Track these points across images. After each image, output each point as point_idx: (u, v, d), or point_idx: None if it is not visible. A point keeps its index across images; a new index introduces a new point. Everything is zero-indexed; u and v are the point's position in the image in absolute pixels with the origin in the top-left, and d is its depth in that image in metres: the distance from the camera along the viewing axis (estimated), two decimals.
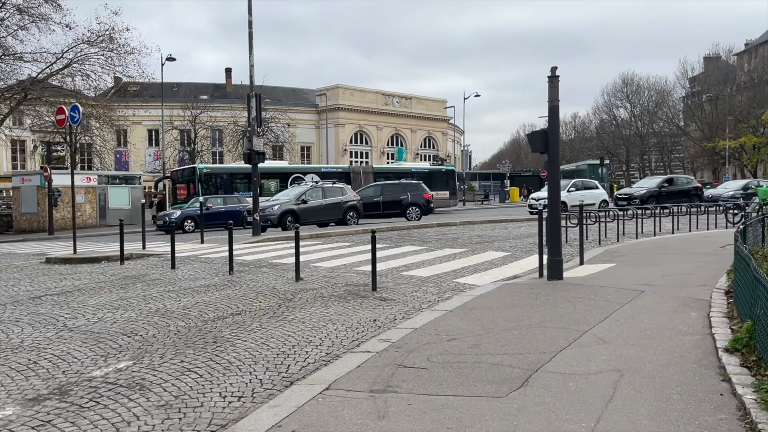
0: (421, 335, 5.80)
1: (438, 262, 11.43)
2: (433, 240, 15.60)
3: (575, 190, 26.07)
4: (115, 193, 34.64)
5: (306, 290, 8.68)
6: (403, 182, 24.59)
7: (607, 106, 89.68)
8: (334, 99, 65.24)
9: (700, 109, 68.24)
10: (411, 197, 25.04)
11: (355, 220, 21.58)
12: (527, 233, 16.90)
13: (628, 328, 5.66)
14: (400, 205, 24.44)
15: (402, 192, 24.92)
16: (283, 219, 19.30)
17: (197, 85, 67.65)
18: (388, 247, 13.94)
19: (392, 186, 24.89)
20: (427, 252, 12.88)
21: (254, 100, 16.74)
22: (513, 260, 11.53)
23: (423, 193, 25.78)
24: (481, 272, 10.18)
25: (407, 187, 25.26)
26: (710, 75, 70.96)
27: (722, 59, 76.09)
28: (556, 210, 8.86)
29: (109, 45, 31.01)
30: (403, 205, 24.67)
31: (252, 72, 16.99)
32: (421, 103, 72.49)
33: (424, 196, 25.60)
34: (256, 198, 16.84)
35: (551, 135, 8.78)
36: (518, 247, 13.58)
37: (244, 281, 9.56)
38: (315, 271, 10.51)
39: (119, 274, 10.64)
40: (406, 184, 24.98)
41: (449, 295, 8.23)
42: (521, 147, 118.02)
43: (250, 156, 16.72)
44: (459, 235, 16.81)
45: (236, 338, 6.07)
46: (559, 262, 8.79)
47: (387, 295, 8.29)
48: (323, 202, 20.75)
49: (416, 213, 24.89)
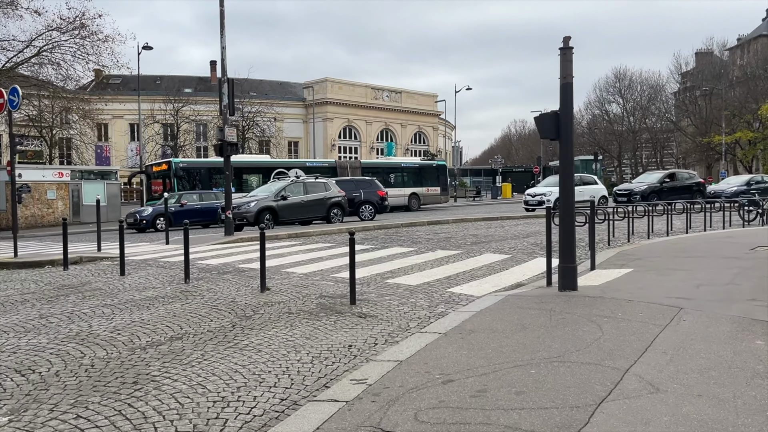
0: (408, 373, 4.38)
1: (429, 266, 10.02)
2: (424, 240, 14.19)
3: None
4: (89, 188, 32.92)
5: (271, 304, 7.23)
6: (356, 179, 22.66)
7: (600, 102, 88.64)
8: (322, 93, 63.65)
9: (694, 104, 67.30)
10: (364, 195, 23.59)
11: (339, 217, 20.12)
12: (526, 232, 15.53)
13: (682, 366, 4.26)
14: (353, 203, 22.82)
15: (354, 189, 23.21)
16: (261, 217, 17.78)
17: (181, 78, 65.85)
18: (373, 249, 12.51)
19: (344, 183, 22.75)
20: (416, 254, 11.47)
21: (226, 86, 15.22)
22: (514, 264, 10.14)
23: (377, 190, 24.32)
24: (478, 279, 8.78)
25: (360, 184, 23.63)
26: (702, 70, 70.05)
27: (714, 55, 75.23)
28: (569, 207, 7.46)
29: (81, 32, 29.34)
30: (356, 203, 23.15)
31: (224, 54, 15.45)
32: (411, 98, 71.05)
33: (378, 193, 24.17)
34: (228, 194, 15.35)
35: (564, 118, 7.37)
36: (518, 248, 12.19)
37: (199, 292, 8.09)
38: (286, 279, 9.06)
39: (56, 282, 9.13)
40: (358, 180, 23.23)
41: (443, 309, 6.82)
42: (512, 143, 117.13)
43: (221, 147, 15.21)
44: (452, 235, 15.41)
45: (165, 376, 4.62)
46: (572, 269, 7.40)
47: (368, 309, 6.87)
48: (305, 199, 19.24)
49: (369, 212, 23.39)
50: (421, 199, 35.42)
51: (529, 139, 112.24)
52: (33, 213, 30.98)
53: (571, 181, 7.51)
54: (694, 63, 75.12)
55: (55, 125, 45.93)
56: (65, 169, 33.57)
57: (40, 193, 31.47)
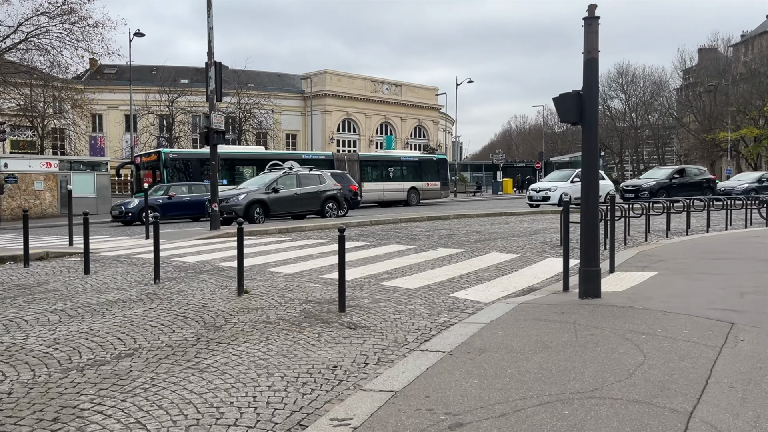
0: (404, 410, 3.42)
1: (429, 266, 9.04)
2: (424, 237, 13.20)
3: (580, 180, 23.70)
4: (78, 180, 31.82)
5: (247, 310, 6.26)
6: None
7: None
8: (321, 85, 62.53)
9: (698, 100, 66.26)
10: None
11: (335, 211, 19.10)
12: (533, 229, 14.55)
13: (764, 408, 3.28)
14: None
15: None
16: (251, 210, 16.74)
17: (177, 69, 64.59)
18: (368, 246, 11.52)
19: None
20: (415, 253, 10.48)
21: (213, 69, 14.20)
22: (523, 264, 9.17)
23: (349, 184, 22.96)
24: (485, 282, 7.81)
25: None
26: (705, 67, 69.03)
27: (718, 51, 74.25)
28: (593, 202, 6.48)
29: (70, 17, 28.25)
30: None
31: (210, 35, 14.39)
32: (411, 91, 69.93)
33: (350, 188, 22.85)
34: (214, 186, 14.33)
35: (588, 99, 6.38)
36: (526, 246, 11.21)
37: (168, 295, 7.11)
38: (270, 280, 8.08)
39: (9, 282, 8.13)
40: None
41: (446, 318, 5.86)
42: (512, 138, 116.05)
43: (207, 135, 14.20)
44: (454, 231, 14.42)
45: (97, 410, 3.65)
46: (596, 273, 6.43)
47: (359, 318, 5.90)
48: (298, 192, 18.20)
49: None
50: (421, 193, 34.43)
51: (529, 134, 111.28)
52: (19, 204, 29.93)
53: (595, 173, 6.54)
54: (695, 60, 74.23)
55: (47, 115, 44.85)
56: (53, 159, 32.51)
57: (27, 184, 30.45)
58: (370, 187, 32.14)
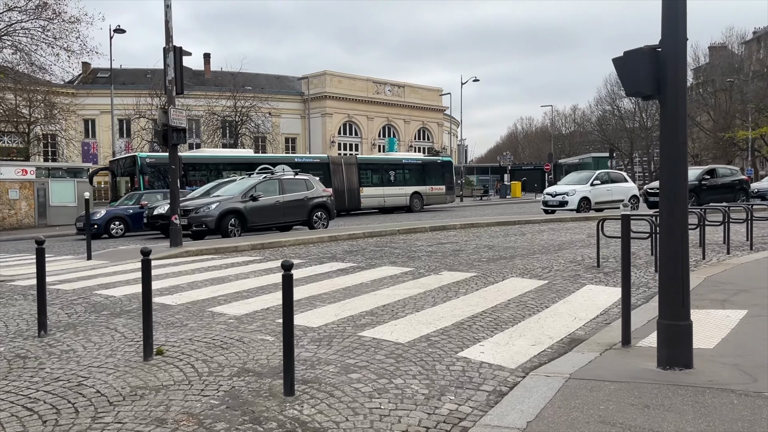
0: None
1: (430, 301, 6.75)
2: (425, 254, 10.90)
3: (600, 183, 21.40)
4: (57, 187, 29.76)
5: (142, 393, 3.99)
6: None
7: (611, 97, 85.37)
8: (321, 86, 60.34)
9: (713, 98, 63.79)
10: None
11: (324, 222, 16.76)
12: (556, 242, 12.22)
13: None
14: None
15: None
16: (224, 222, 14.42)
17: None
18: (354, 269, 9.23)
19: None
20: (413, 279, 8.19)
21: (172, 56, 11.96)
22: (555, 296, 6.87)
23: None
24: (508, 329, 5.54)
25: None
26: (716, 64, 66.69)
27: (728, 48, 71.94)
28: (680, 215, 4.17)
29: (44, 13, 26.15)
30: None
31: (168, 15, 12.08)
32: (414, 92, 67.65)
33: None
34: (174, 194, 12.07)
35: (671, 58, 4.09)
36: (553, 268, 8.90)
37: (42, 358, 4.84)
38: (205, 327, 5.81)
39: None
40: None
41: (452, 406, 3.60)
42: (518, 141, 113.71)
43: (165, 134, 11.97)
44: (461, 246, 12.11)
45: None
46: (686, 331, 4.13)
47: (313, 411, 3.64)
48: (281, 199, 15.83)
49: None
50: (425, 198, 32.14)
51: (536, 136, 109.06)
52: None
53: (683, 171, 4.22)
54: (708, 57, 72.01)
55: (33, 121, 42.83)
56: (29, 165, 30.36)
57: (0, 193, 28.35)
58: (370, 192, 29.90)
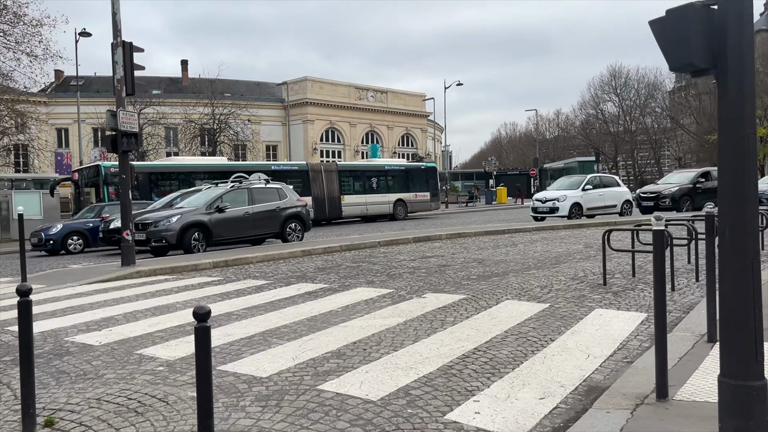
0: None
1: (411, 335, 5.56)
2: (407, 271, 9.70)
3: (592, 188, 20.37)
4: (21, 200, 28.13)
5: None
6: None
7: (594, 101, 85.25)
8: (302, 92, 59.10)
9: (697, 100, 63.57)
10: None
11: (298, 234, 15.50)
12: (552, 255, 11.09)
13: None
14: None
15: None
16: (187, 236, 13.11)
17: (149, 79, 61.00)
18: (324, 292, 8.00)
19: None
20: (392, 304, 7.00)
21: (120, 51, 10.69)
22: (560, 325, 5.73)
23: None
24: (507, 374, 4.38)
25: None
26: None
27: None
28: (751, 225, 3.01)
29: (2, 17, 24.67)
30: None
31: (116, 6, 10.78)
32: (397, 98, 66.66)
33: None
34: (126, 207, 10.75)
35: (735, 17, 2.95)
36: (553, 286, 7.75)
37: None
38: (124, 380, 4.57)
39: None
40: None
41: None
42: (503, 146, 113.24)
43: (115, 140, 10.68)
44: (447, 260, 10.94)
45: None
46: (760, 393, 2.97)
47: None
48: (250, 210, 14.50)
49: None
50: (409, 206, 30.99)
51: (520, 141, 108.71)
52: None
53: (750, 173, 3.07)
54: None
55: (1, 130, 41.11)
56: None
57: None
58: (352, 200, 28.69)
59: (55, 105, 57.01)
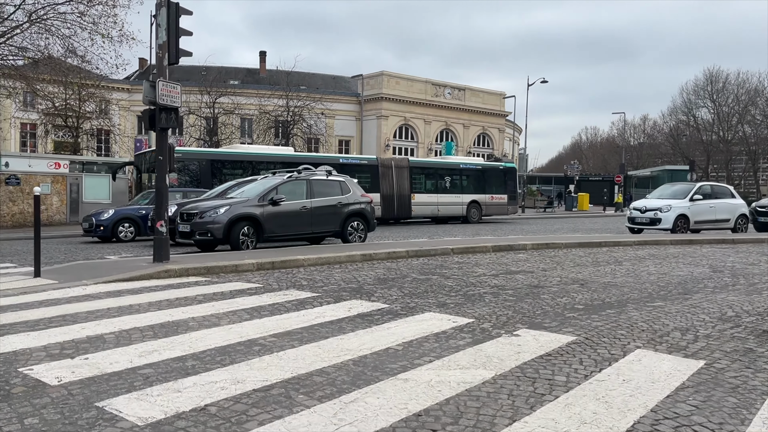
0: None
1: (507, 409, 3.61)
2: (488, 291, 7.71)
3: (702, 198, 17.56)
4: (91, 183, 28.00)
5: None
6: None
7: (687, 106, 79.44)
8: (377, 87, 57.67)
9: None
10: None
11: (360, 233, 13.75)
12: (675, 278, 8.79)
13: None
14: None
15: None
16: (235, 231, 11.62)
17: (228, 69, 61.32)
18: (382, 315, 6.17)
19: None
20: (472, 345, 5.06)
21: (163, 12, 9.27)
22: (739, 407, 3.60)
23: None
24: None
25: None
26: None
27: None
28: None
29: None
30: None
31: None
32: (475, 95, 64.09)
33: None
34: (162, 195, 9.33)
35: None
36: (699, 331, 5.58)
37: None
38: None
39: None
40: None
41: None
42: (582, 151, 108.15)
43: (152, 116, 9.29)
44: (538, 278, 8.86)
45: None
46: None
47: None
48: (308, 205, 12.81)
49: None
50: (483, 208, 28.77)
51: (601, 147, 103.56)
52: (21, 210, 26.27)
53: None
54: None
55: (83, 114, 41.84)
56: (63, 158, 28.75)
57: (31, 187, 26.74)
58: (423, 199, 26.80)
59: (137, 92, 58.15)
